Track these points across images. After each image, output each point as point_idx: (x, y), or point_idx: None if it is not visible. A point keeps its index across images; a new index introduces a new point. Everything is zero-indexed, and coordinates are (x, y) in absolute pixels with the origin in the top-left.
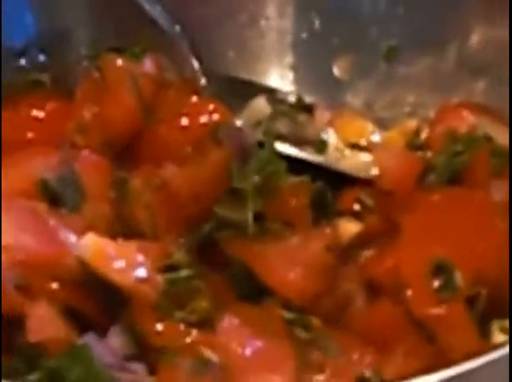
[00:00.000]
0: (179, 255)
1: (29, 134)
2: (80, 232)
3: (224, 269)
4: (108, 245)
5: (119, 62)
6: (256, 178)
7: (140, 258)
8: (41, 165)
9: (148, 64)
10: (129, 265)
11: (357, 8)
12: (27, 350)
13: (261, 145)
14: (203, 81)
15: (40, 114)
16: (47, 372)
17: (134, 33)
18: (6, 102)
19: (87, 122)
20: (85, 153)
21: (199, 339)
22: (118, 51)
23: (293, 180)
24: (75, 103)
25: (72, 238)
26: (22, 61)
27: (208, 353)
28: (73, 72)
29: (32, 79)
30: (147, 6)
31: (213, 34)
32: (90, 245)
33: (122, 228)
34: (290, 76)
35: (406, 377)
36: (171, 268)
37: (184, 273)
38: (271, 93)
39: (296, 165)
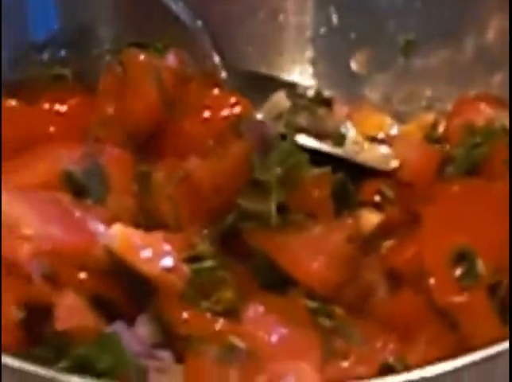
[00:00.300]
0: (202, 246)
1: (51, 128)
2: (105, 224)
3: (247, 260)
4: (135, 235)
5: (142, 56)
6: (278, 170)
7: (166, 247)
8: (65, 158)
9: (170, 59)
10: (156, 254)
11: (375, 2)
12: (55, 339)
13: (282, 137)
14: (223, 75)
15: (63, 108)
16: (76, 360)
17: (156, 28)
18: (29, 96)
19: (110, 117)
20: (108, 146)
21: (226, 327)
22: (141, 46)
23: (315, 171)
24: (98, 98)
25: (100, 228)
26: (45, 56)
27: (235, 341)
28: (96, 66)
29: (55, 74)
30: (170, 2)
31: (234, 30)
32: (117, 235)
33: (146, 221)
34: (309, 70)
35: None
36: (195, 259)
37: (208, 264)
38: (290, 87)
39: (316, 158)
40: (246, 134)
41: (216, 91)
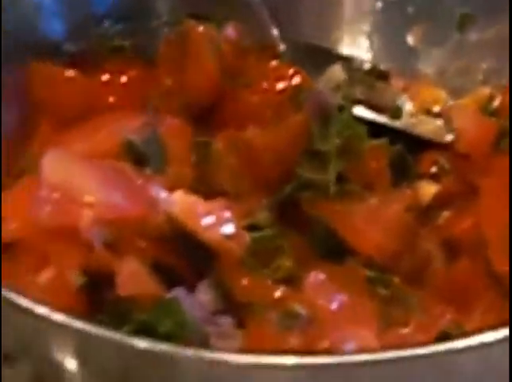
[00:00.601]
0: (261, 215)
1: (110, 99)
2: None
3: (306, 229)
4: (197, 202)
5: (201, 28)
6: (337, 140)
7: (227, 215)
8: (125, 128)
9: (229, 31)
10: (217, 221)
11: None
12: (117, 305)
13: (340, 109)
14: (281, 47)
15: (122, 79)
16: (138, 325)
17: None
18: (88, 67)
19: (169, 88)
20: (167, 117)
21: (286, 294)
22: (199, 18)
23: (373, 143)
24: (157, 69)
25: (162, 195)
26: (104, 28)
27: (296, 307)
28: (154, 38)
29: (114, 46)
30: None
31: (292, 2)
32: (179, 202)
33: (204, 190)
34: (366, 44)
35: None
36: (253, 228)
37: (267, 232)
38: (347, 61)
39: (373, 130)
40: (305, 104)
41: (275, 62)
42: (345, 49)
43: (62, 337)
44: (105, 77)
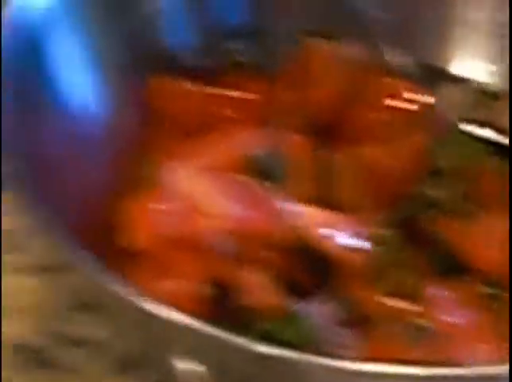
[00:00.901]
0: (383, 231)
1: (230, 114)
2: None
3: (425, 246)
4: (321, 214)
5: (322, 45)
6: (457, 159)
7: (350, 228)
8: (246, 142)
9: (349, 49)
10: (340, 234)
11: None
12: (240, 315)
13: (459, 128)
14: (398, 67)
15: (242, 94)
16: (260, 335)
17: (333, 17)
18: (209, 82)
19: (290, 104)
20: (288, 133)
21: (407, 308)
22: (319, 36)
23: (493, 162)
24: (277, 85)
25: (286, 207)
26: (226, 44)
27: (420, 321)
28: (275, 55)
29: (236, 62)
30: None
31: (410, 21)
32: (303, 214)
33: (323, 205)
34: (479, 65)
35: None
36: (374, 242)
37: (388, 248)
38: (461, 81)
39: (492, 150)
40: (425, 123)
41: (393, 80)
42: (460, 70)
43: (190, 341)
44: (223, 91)
